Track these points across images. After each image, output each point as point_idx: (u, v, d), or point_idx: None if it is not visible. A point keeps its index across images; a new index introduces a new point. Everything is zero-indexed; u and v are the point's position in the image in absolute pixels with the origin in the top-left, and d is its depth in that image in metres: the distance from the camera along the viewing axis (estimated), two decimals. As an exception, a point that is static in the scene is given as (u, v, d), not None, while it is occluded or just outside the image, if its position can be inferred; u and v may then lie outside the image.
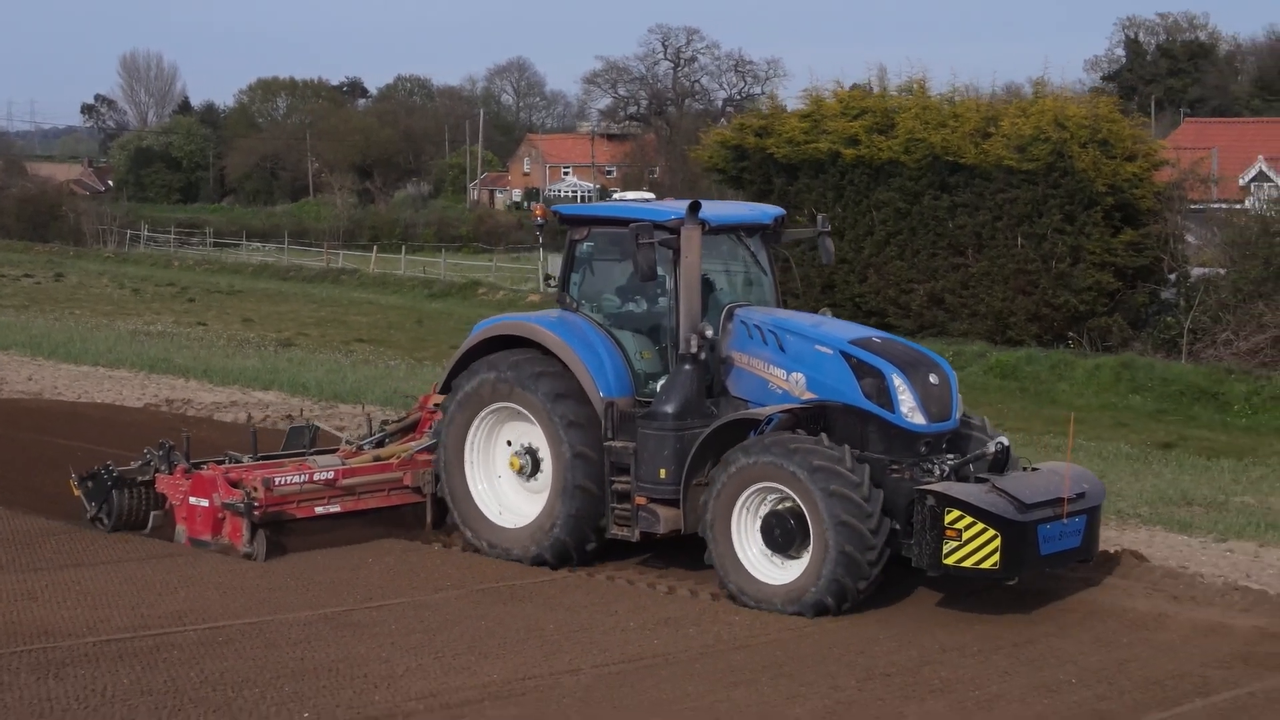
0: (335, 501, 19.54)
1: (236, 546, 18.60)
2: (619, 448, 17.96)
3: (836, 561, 16.13)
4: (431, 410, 20.57)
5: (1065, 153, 41.79)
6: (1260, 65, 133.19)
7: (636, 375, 18.43)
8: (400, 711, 13.43)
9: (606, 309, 19.01)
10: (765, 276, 19.30)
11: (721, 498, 16.92)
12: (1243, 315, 39.54)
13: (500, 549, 18.76)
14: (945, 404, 17.30)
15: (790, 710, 13.70)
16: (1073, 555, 17.00)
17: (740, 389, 18.01)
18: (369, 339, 48.90)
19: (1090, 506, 17.07)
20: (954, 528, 16.02)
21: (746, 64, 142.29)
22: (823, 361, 17.43)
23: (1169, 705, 14.06)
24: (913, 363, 17.37)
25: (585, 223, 19.13)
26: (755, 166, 48.37)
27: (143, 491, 19.89)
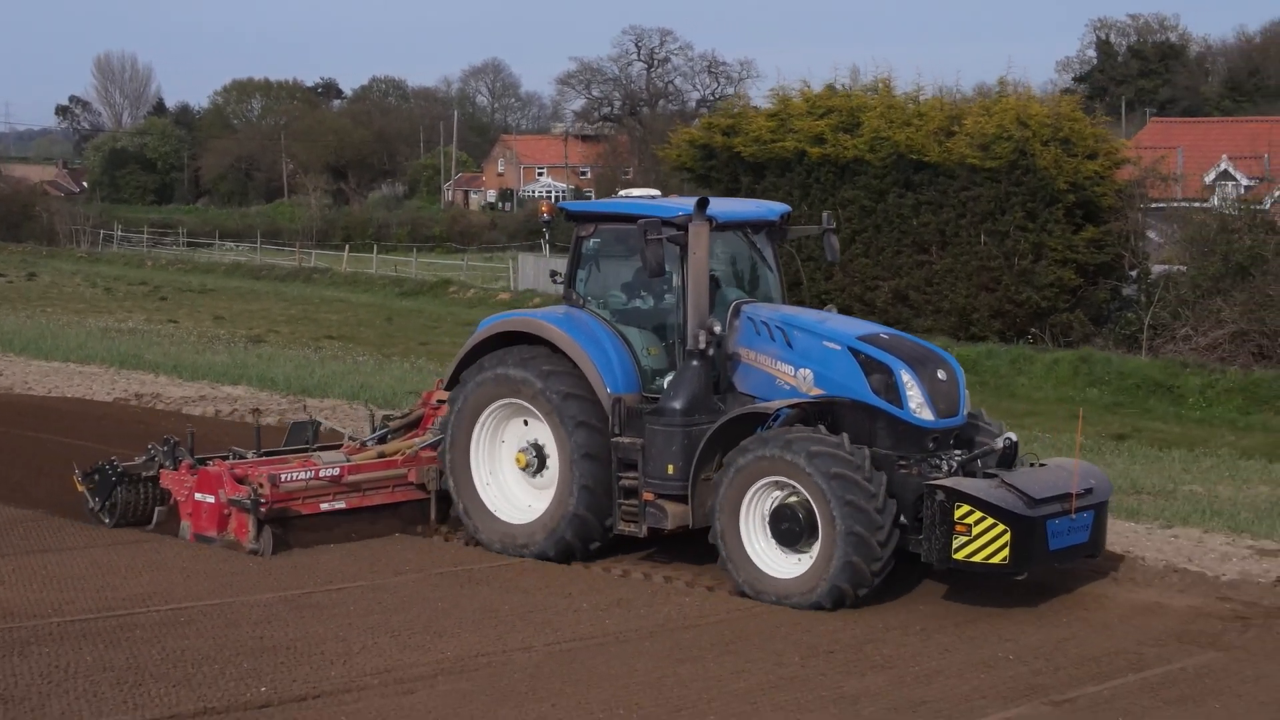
0: (340, 498, 19.51)
1: (242, 543, 18.59)
2: (626, 444, 17.99)
3: (846, 543, 16.18)
4: (435, 406, 20.67)
5: (1027, 151, 42.35)
6: (1230, 66, 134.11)
7: (643, 371, 18.44)
8: (355, 686, 13.82)
9: (613, 305, 19.01)
10: (771, 273, 19.31)
11: (729, 493, 16.97)
12: (1201, 311, 40.10)
13: (506, 545, 18.77)
14: (953, 400, 17.37)
15: (734, 684, 14.11)
16: (1081, 550, 17.06)
17: (747, 385, 18.04)
18: (339, 336, 49.26)
19: (1098, 502, 17.11)
20: (964, 523, 16.07)
21: (720, 65, 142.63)
22: (831, 358, 17.45)
23: (1102, 680, 14.51)
24: (921, 359, 17.40)
25: (592, 219, 19.14)
26: (723, 165, 48.79)
27: (147, 487, 19.89)
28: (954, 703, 13.78)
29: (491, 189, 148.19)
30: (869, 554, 16.23)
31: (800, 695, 13.85)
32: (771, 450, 16.68)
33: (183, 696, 13.38)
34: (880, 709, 13.56)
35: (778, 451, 16.62)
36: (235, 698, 13.40)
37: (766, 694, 13.87)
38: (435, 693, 13.73)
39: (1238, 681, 14.53)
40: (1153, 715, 13.58)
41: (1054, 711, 13.64)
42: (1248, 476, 25.07)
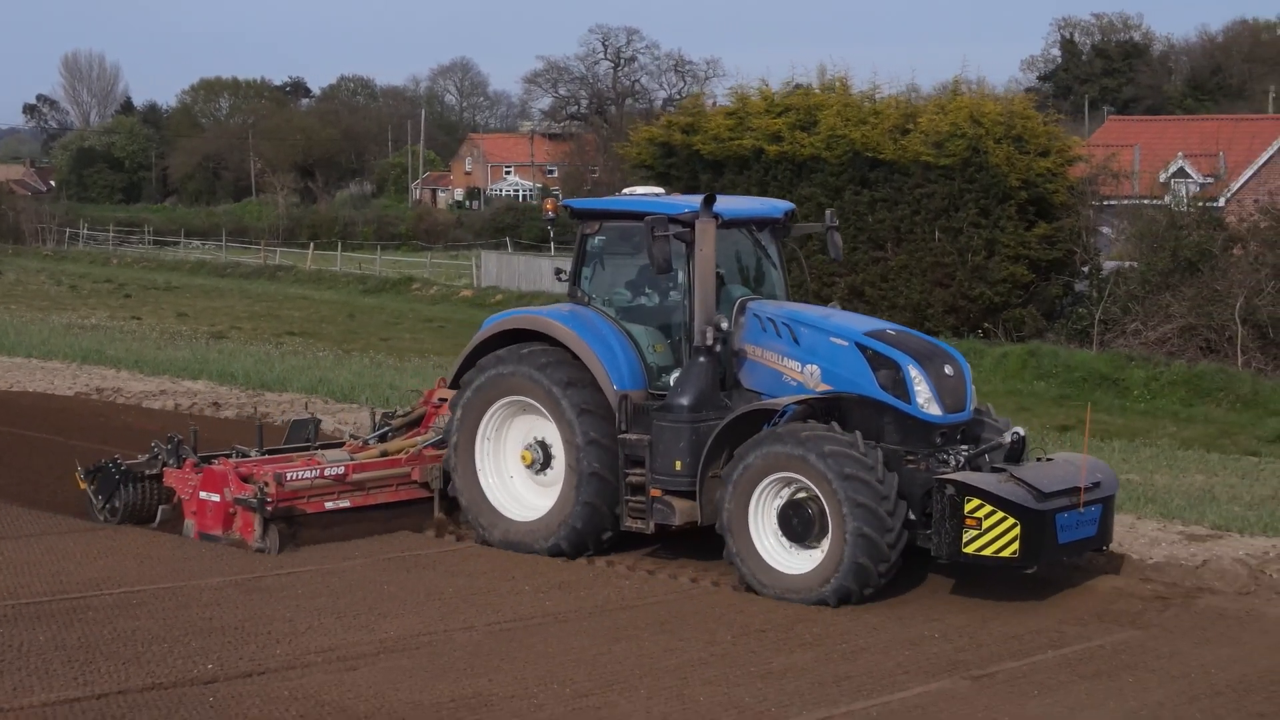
0: (345, 496, 19.49)
1: (248, 541, 18.57)
2: (633, 440, 17.97)
3: (856, 545, 16.18)
4: (436, 405, 20.79)
5: (980, 148, 42.99)
6: (1192, 65, 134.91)
7: (649, 368, 18.41)
8: (299, 663, 14.29)
9: (617, 302, 19.00)
10: (775, 270, 19.31)
11: (738, 489, 16.95)
12: (1151, 306, 40.76)
13: (511, 542, 18.75)
14: (960, 395, 17.40)
15: (666, 661, 14.62)
16: (1089, 544, 17.16)
17: (753, 382, 18.02)
18: (300, 332, 49.74)
19: (1105, 496, 17.20)
20: (974, 516, 16.12)
21: (686, 64, 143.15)
22: (838, 353, 17.46)
23: (1022, 656, 15.05)
24: (928, 354, 17.42)
25: (596, 216, 19.13)
26: (682, 163, 49.37)
27: (150, 485, 19.86)
28: (877, 678, 14.29)
29: (459, 188, 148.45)
30: (878, 555, 16.28)
31: (729, 671, 14.35)
32: (785, 447, 16.68)
33: (132, 673, 13.83)
34: (805, 684, 14.06)
35: (791, 448, 16.62)
36: (183, 674, 13.85)
37: (697, 670, 14.37)
38: (376, 669, 14.19)
39: (1153, 658, 15.07)
40: (1068, 689, 14.10)
41: (973, 686, 14.15)
42: (1185, 466, 25.64)
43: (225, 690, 13.50)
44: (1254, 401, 34.19)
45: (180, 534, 19.21)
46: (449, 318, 57.78)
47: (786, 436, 16.75)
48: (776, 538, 16.97)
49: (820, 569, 16.55)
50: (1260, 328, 38.50)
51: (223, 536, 18.80)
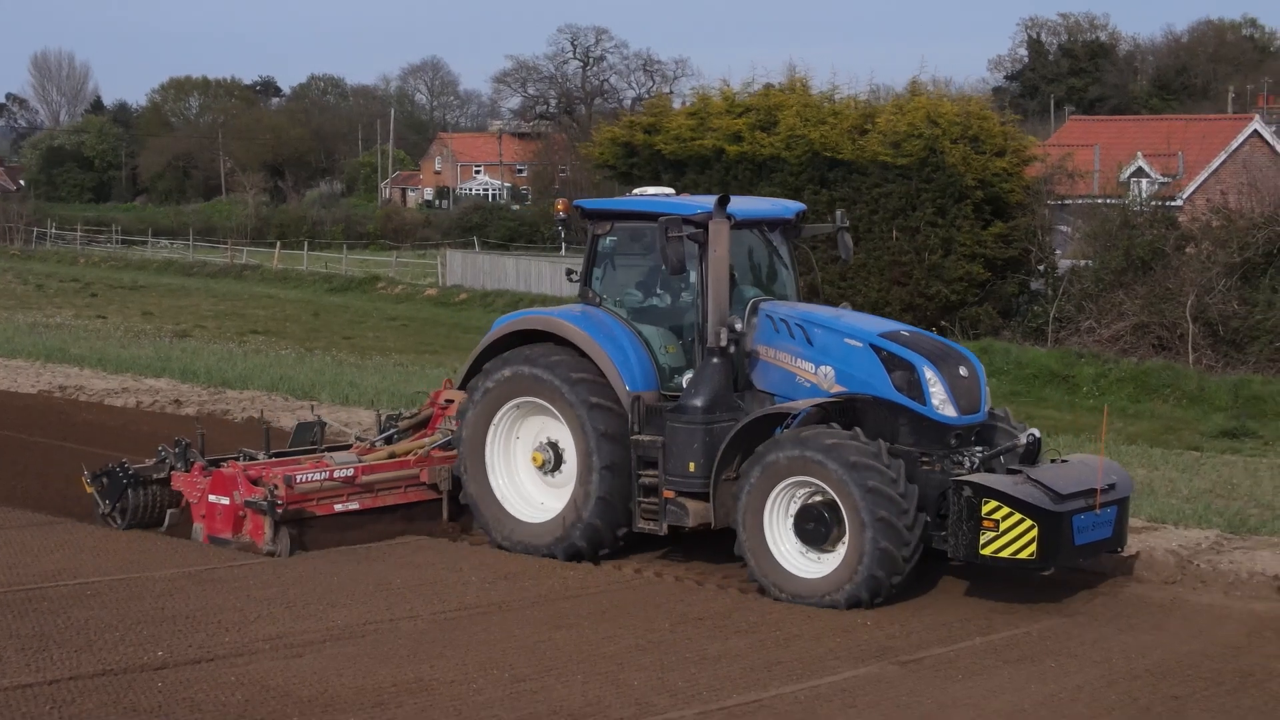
0: (354, 499, 19.50)
1: (258, 544, 18.60)
2: (646, 441, 17.95)
3: (873, 558, 16.22)
4: (443, 406, 20.87)
5: (937, 148, 43.39)
6: (1158, 65, 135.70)
7: (661, 369, 18.39)
8: (247, 651, 14.72)
9: (629, 303, 18.97)
10: (787, 271, 19.33)
11: (754, 492, 16.94)
12: (1104, 304, 41.26)
13: (521, 544, 18.74)
14: (974, 396, 17.44)
15: (605, 648, 15.09)
16: (1105, 545, 17.21)
17: (766, 383, 17.98)
18: (264, 331, 50.09)
19: (1120, 497, 17.23)
20: (991, 518, 16.18)
21: (655, 64, 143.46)
22: (852, 355, 17.42)
23: (949, 643, 15.56)
24: (942, 355, 17.43)
25: (608, 217, 19.09)
26: (644, 162, 49.72)
27: (158, 489, 19.86)
28: (808, 663, 14.78)
29: (429, 187, 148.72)
30: (893, 568, 16.35)
31: (665, 657, 14.82)
32: (807, 452, 16.64)
33: (84, 660, 14.23)
34: (738, 669, 14.53)
35: (813, 454, 16.57)
36: (133, 661, 14.27)
37: (633, 656, 14.84)
38: (322, 656, 14.62)
39: (1076, 644, 15.58)
40: (992, 673, 14.60)
41: (900, 670, 14.65)
42: (1128, 460, 26.06)
43: (174, 676, 13.90)
44: (1199, 398, 34.73)
45: (189, 537, 19.26)
46: (413, 316, 58.16)
47: (809, 441, 16.69)
48: (791, 541, 16.99)
49: (835, 575, 16.57)
50: (1211, 325, 39.00)
51: (232, 540, 18.83)
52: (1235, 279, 39.50)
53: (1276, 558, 18.26)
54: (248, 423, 27.96)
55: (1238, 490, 22.71)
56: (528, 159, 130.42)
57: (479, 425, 19.08)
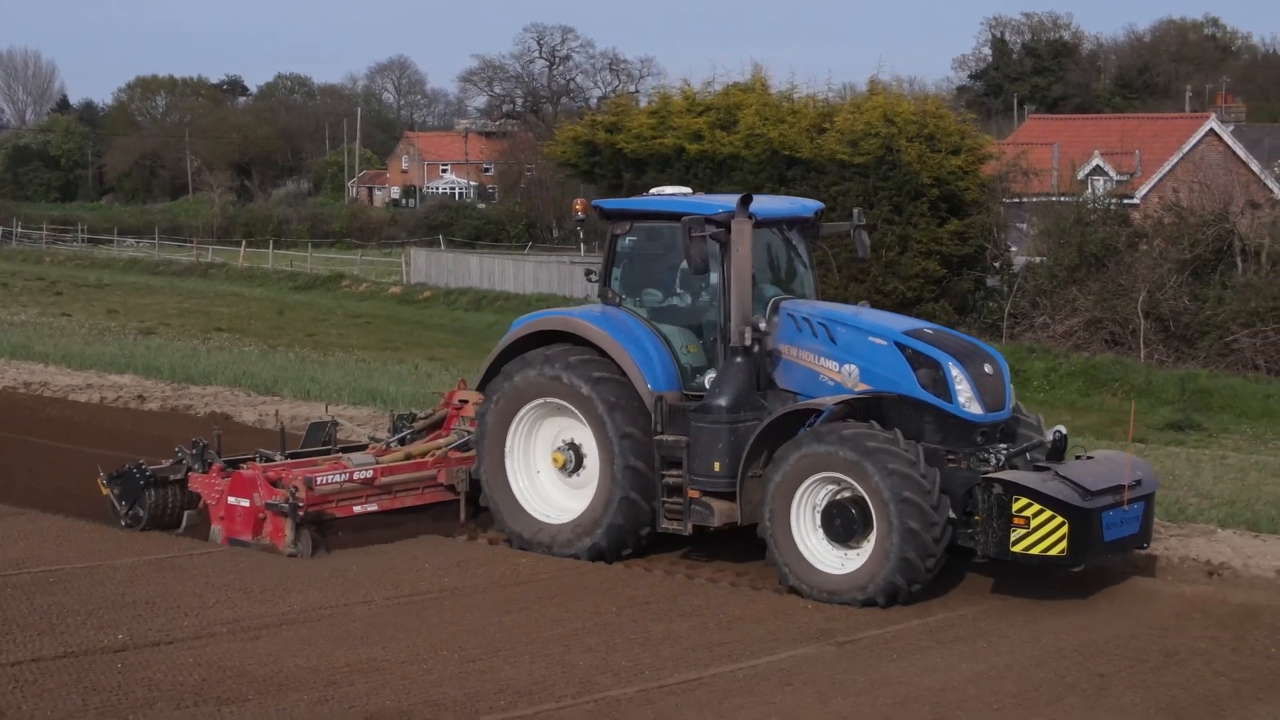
0: (372, 500, 19.46)
1: (279, 546, 18.42)
2: (670, 441, 17.84)
3: (903, 539, 16.18)
4: (457, 407, 20.87)
5: (894, 147, 44.06)
6: (1121, 64, 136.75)
7: (683, 369, 18.28)
8: (205, 634, 15.20)
9: (649, 303, 18.86)
10: (805, 270, 19.22)
11: (781, 488, 16.90)
12: (1058, 300, 41.95)
13: (541, 544, 18.65)
14: (999, 394, 17.40)
15: (552, 630, 15.61)
16: (1132, 541, 17.21)
17: (789, 381, 17.89)
18: (229, 328, 50.59)
19: (1146, 494, 17.31)
20: (1022, 515, 16.18)
21: (621, 63, 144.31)
22: (877, 353, 17.37)
23: (886, 625, 16.08)
24: (968, 353, 17.42)
25: (627, 217, 18.95)
26: (606, 161, 50.43)
27: (175, 491, 19.65)
28: (748, 644, 15.31)
29: (395, 186, 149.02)
30: (924, 551, 16.29)
31: (610, 639, 15.35)
32: (826, 446, 16.67)
33: (46, 643, 14.70)
34: (681, 649, 15.07)
35: (834, 448, 16.60)
36: (94, 644, 14.75)
37: (580, 638, 15.36)
38: (278, 639, 15.11)
39: (1008, 626, 16.14)
40: (925, 653, 15.14)
41: (837, 650, 15.18)
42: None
43: (133, 658, 14.38)
44: (1147, 391, 35.37)
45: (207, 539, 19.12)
46: (376, 313, 58.64)
47: (827, 436, 16.75)
48: (819, 538, 16.97)
49: (866, 567, 16.56)
50: (1162, 321, 39.70)
51: (252, 542, 18.70)
52: (1186, 275, 40.24)
53: (1209, 544, 18.79)
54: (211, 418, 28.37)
55: (1178, 480, 23.23)
56: (494, 158, 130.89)
57: (499, 426, 18.98)
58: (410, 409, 23.08)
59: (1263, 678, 14.56)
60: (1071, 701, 13.80)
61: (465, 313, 58.96)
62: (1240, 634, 15.89)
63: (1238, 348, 38.13)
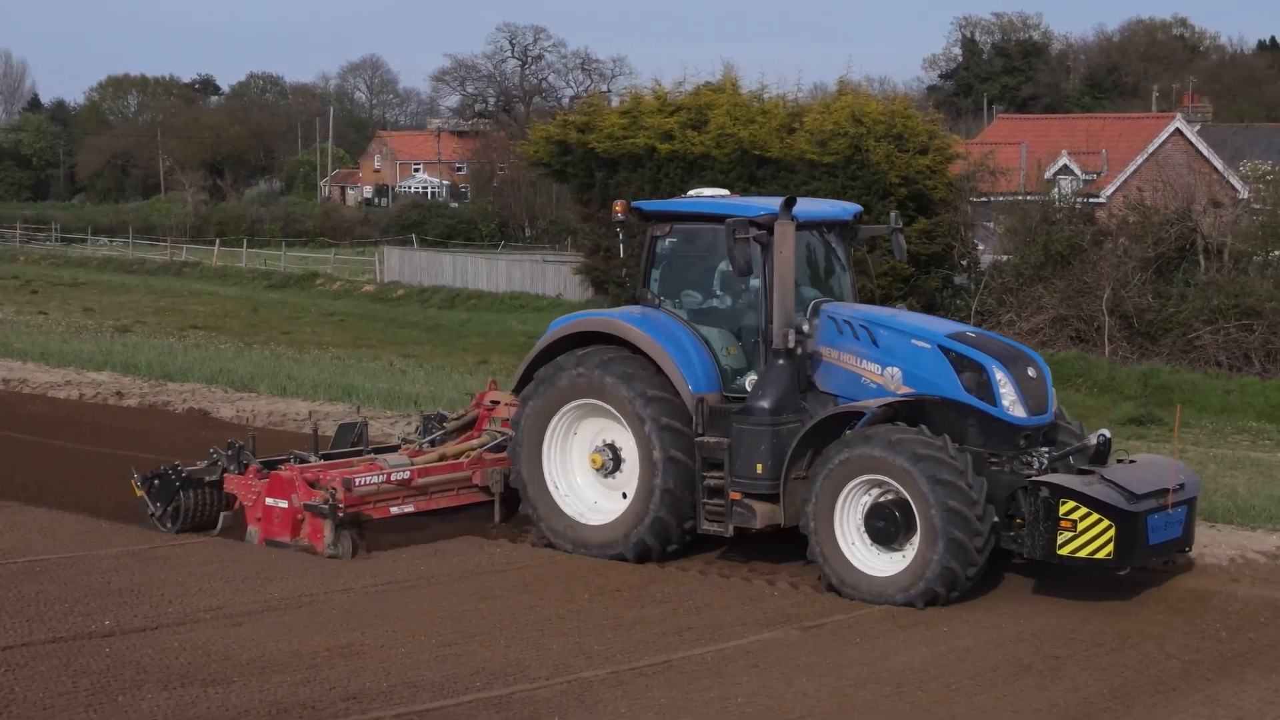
0: (409, 501, 19.44)
1: (317, 548, 18.45)
2: (711, 443, 17.86)
3: (946, 548, 16.26)
4: (489, 408, 20.87)
5: (862, 147, 44.54)
6: (1090, 64, 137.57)
7: (723, 371, 18.33)
8: (189, 620, 15.68)
9: (687, 305, 18.86)
10: (844, 272, 19.27)
11: (824, 490, 16.95)
12: (1024, 298, 42.44)
13: (580, 545, 18.68)
14: (1042, 397, 17.51)
15: (526, 616, 16.11)
16: (1175, 545, 17.32)
17: (830, 384, 17.93)
18: (204, 326, 50.99)
19: (1189, 497, 17.39)
20: (1069, 519, 16.25)
21: (593, 62, 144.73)
22: (920, 356, 17.43)
23: (850, 610, 16.62)
24: (1011, 357, 17.53)
25: (667, 219, 18.90)
26: (578, 160, 50.81)
27: (210, 492, 19.68)
28: (716, 628, 15.84)
29: (368, 185, 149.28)
30: (967, 560, 16.39)
31: (583, 624, 15.86)
32: (874, 450, 16.68)
33: (35, 629, 15.17)
34: (651, 634, 15.59)
35: (880, 451, 16.63)
36: (82, 629, 15.23)
37: (553, 624, 15.86)
38: (260, 625, 15.59)
39: (969, 611, 16.65)
40: (888, 637, 15.68)
41: (802, 635, 15.72)
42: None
43: (121, 642, 14.85)
44: (1110, 387, 35.93)
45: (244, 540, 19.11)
46: (350, 311, 59.05)
47: (875, 439, 16.76)
48: (862, 540, 17.03)
49: (908, 572, 16.63)
50: (1126, 318, 40.19)
51: (290, 543, 18.72)
52: (1150, 273, 40.73)
53: (1165, 533, 19.33)
54: (188, 414, 28.84)
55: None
56: (466, 157, 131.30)
57: (537, 427, 18.99)
58: (438, 409, 23.13)
59: (1212, 660, 15.13)
60: (1027, 682, 14.33)
61: (439, 310, 59.39)
62: (1191, 618, 16.47)
63: (1200, 344, 38.67)
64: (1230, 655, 15.29)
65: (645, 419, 18.03)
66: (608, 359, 18.47)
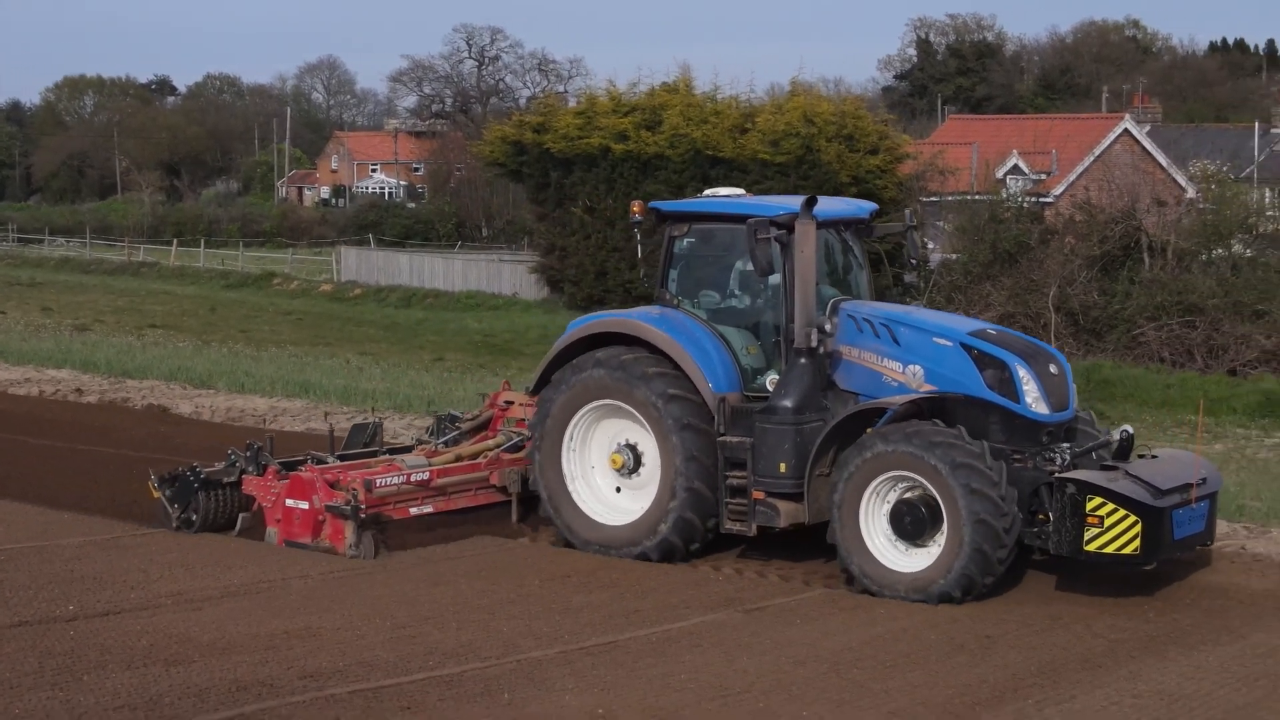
0: (428, 502, 19.49)
1: (338, 549, 18.52)
2: (734, 443, 17.93)
3: (970, 558, 16.40)
4: (503, 408, 20.99)
5: (813, 147, 45.21)
6: (1044, 65, 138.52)
7: (743, 370, 18.38)
8: (151, 605, 16.19)
9: (706, 305, 18.93)
10: (862, 271, 19.29)
11: (852, 484, 17.00)
12: (973, 295, 43.03)
13: (601, 545, 18.72)
14: (1064, 394, 17.57)
15: (478, 601, 16.65)
16: (1198, 539, 17.42)
17: (851, 382, 17.97)
18: (163, 325, 51.34)
19: (1211, 492, 17.54)
20: (1096, 515, 16.30)
21: (550, 63, 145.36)
22: (942, 354, 17.48)
23: (792, 594, 17.25)
24: (1033, 354, 17.58)
25: (685, 219, 18.99)
26: (534, 161, 51.41)
27: (228, 493, 19.74)
28: (662, 611, 16.40)
29: (325, 185, 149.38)
30: (996, 541, 16.42)
31: (532, 608, 16.40)
32: (892, 445, 16.79)
33: (1, 614, 15.66)
34: (598, 616, 16.15)
35: (899, 446, 16.75)
36: (46, 614, 15.74)
37: (504, 608, 16.41)
38: (220, 609, 16.10)
39: (906, 593, 17.24)
40: (827, 619, 16.26)
41: (745, 616, 16.28)
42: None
43: (84, 626, 15.36)
44: (1054, 382, 36.50)
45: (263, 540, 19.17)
46: (307, 311, 59.40)
47: (892, 435, 16.90)
48: (888, 537, 17.10)
49: (939, 563, 16.71)
50: (1073, 315, 40.82)
51: (311, 544, 18.78)
52: (1095, 271, 41.38)
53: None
54: (148, 410, 29.29)
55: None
56: (423, 157, 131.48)
57: (556, 428, 19.02)
58: (449, 410, 23.16)
59: (1137, 639, 15.72)
60: (959, 660, 14.91)
61: (395, 310, 59.81)
62: (1120, 600, 17.04)
63: (1144, 340, 39.34)
64: (1155, 635, 15.89)
65: (667, 419, 18.10)
66: (627, 359, 18.51)
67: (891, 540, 17.07)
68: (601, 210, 49.94)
